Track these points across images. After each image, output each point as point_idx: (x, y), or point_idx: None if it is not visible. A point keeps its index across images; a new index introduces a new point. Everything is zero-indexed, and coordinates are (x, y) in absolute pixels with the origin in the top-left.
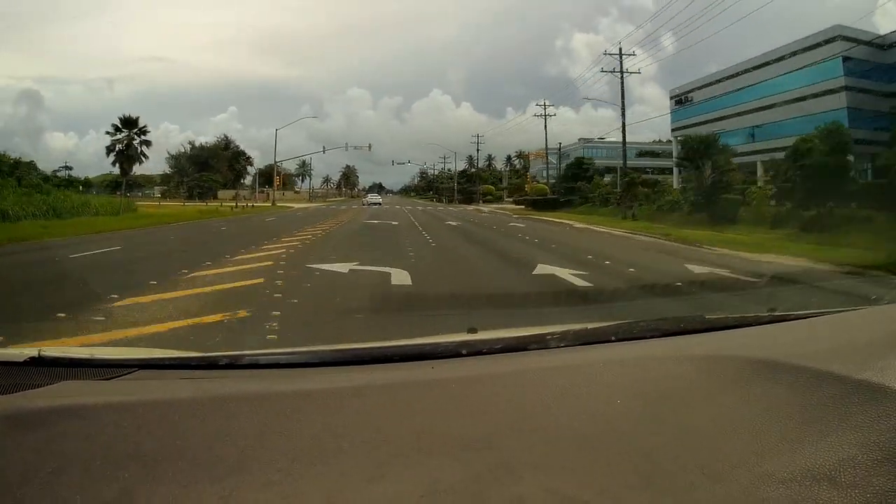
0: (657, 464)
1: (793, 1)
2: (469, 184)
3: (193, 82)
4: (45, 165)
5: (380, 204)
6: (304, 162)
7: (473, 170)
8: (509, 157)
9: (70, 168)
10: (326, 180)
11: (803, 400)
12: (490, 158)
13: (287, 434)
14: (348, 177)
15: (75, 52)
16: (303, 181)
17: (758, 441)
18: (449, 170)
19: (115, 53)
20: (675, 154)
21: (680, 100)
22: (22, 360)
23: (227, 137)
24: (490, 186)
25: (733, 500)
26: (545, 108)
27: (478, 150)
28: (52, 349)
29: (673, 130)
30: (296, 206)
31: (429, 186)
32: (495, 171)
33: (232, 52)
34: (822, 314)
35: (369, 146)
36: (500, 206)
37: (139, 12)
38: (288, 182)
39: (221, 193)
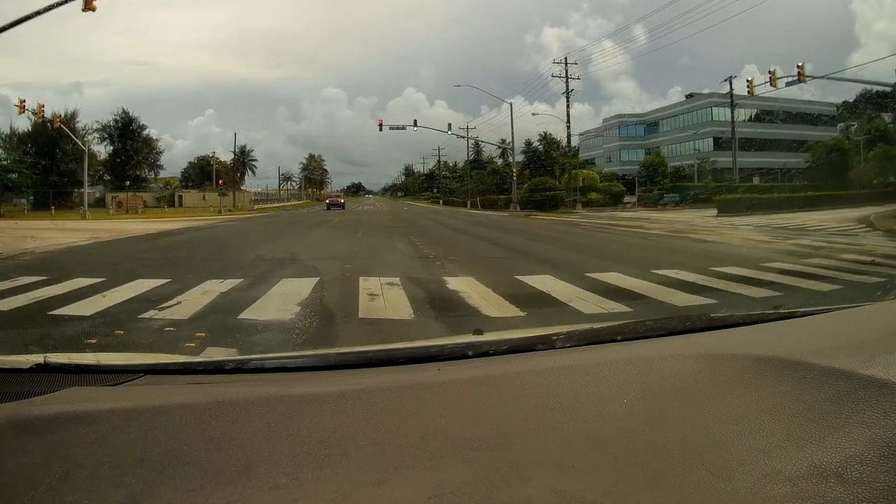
0: (664, 462)
1: None
2: (534, 170)
3: (171, 84)
4: None
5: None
6: (242, 149)
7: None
8: (528, 143)
9: None
10: (285, 179)
11: (809, 397)
12: (504, 142)
13: (294, 438)
14: (312, 170)
15: (49, 55)
16: (242, 177)
17: (764, 439)
18: (452, 163)
19: (90, 57)
20: None
21: None
22: (28, 366)
23: (125, 111)
24: (593, 172)
25: (740, 497)
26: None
27: (568, 90)
28: (58, 356)
29: None
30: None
31: (428, 184)
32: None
33: (211, 54)
34: (828, 311)
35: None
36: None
37: (115, 15)
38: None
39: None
